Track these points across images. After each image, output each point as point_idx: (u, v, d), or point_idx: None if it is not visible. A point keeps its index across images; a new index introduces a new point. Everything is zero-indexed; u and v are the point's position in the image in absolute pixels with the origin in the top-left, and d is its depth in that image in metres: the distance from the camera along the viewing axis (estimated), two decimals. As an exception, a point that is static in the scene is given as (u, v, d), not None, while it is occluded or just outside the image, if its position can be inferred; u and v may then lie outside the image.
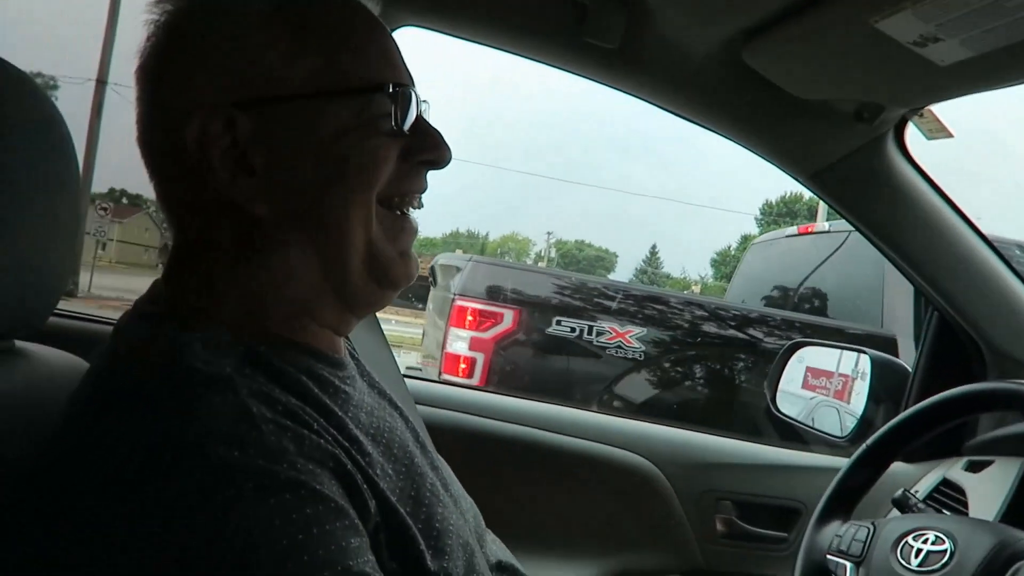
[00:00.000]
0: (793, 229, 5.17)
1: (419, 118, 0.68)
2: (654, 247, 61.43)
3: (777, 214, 53.07)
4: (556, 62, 1.26)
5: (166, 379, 0.56)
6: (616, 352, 3.93)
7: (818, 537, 1.03)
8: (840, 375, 1.79)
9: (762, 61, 1.13)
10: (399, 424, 0.74)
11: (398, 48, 0.70)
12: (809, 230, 4.96)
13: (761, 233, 54.98)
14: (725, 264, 54.68)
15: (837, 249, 4.49)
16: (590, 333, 3.90)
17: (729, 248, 56.43)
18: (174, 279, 0.67)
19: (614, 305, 3.98)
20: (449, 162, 0.70)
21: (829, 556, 0.99)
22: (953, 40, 0.91)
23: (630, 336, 3.96)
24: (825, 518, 1.05)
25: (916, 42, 0.94)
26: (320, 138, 0.63)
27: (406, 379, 1.42)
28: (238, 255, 0.64)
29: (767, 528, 1.56)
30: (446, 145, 0.69)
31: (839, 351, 1.91)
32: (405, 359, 6.27)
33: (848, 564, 0.96)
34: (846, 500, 1.06)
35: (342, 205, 0.64)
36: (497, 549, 0.88)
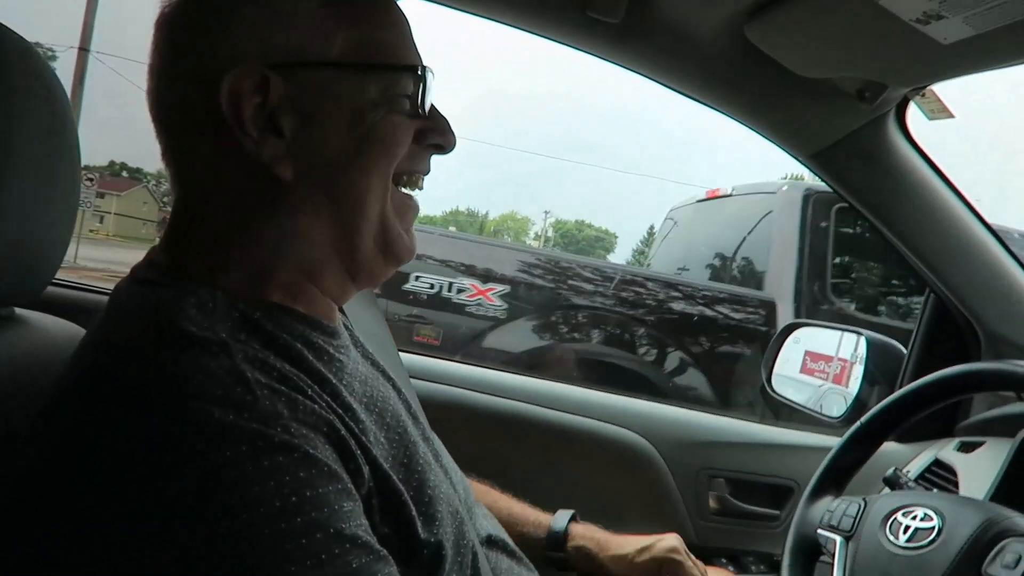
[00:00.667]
0: (702, 194, 5.25)
1: (432, 103, 0.70)
2: (651, 227, 61.68)
3: None
4: (559, 37, 1.25)
5: (161, 343, 0.56)
6: (477, 309, 4.00)
7: (810, 512, 1.04)
8: (839, 359, 1.80)
9: (765, 38, 1.12)
10: (392, 395, 0.75)
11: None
12: (715, 194, 5.05)
13: None
14: None
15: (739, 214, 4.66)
16: (449, 290, 3.96)
17: None
18: (175, 242, 0.67)
19: (476, 264, 4.03)
20: (454, 148, 0.73)
21: (820, 531, 1.00)
22: (956, 18, 0.91)
23: (491, 294, 4.02)
24: (817, 494, 1.06)
25: (919, 19, 0.93)
26: (349, 109, 0.65)
27: (402, 353, 1.43)
28: (253, 214, 0.65)
29: (759, 505, 1.58)
30: (453, 132, 0.72)
31: (837, 332, 1.92)
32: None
33: (838, 539, 0.97)
34: (838, 477, 1.07)
35: (364, 176, 0.66)
36: (488, 524, 0.89)
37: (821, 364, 1.85)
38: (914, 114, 1.30)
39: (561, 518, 1.09)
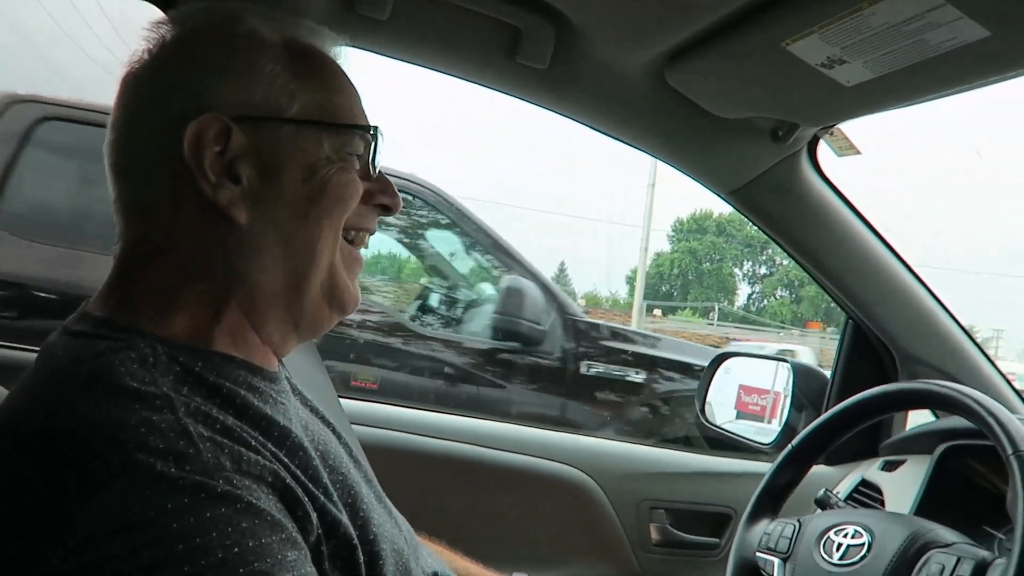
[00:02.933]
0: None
1: (380, 169, 0.75)
2: (562, 264, 62.19)
3: (688, 231, 54.44)
4: (488, 83, 1.29)
5: (102, 397, 0.55)
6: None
7: (748, 535, 1.07)
8: (773, 391, 1.86)
9: (684, 81, 1.19)
10: (332, 439, 0.76)
11: None
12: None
13: (676, 249, 55.23)
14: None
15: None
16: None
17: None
18: (115, 293, 0.67)
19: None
20: (399, 210, 0.77)
21: (759, 553, 1.03)
22: (857, 62, 0.98)
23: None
24: (755, 517, 1.09)
25: (824, 64, 1.00)
26: (305, 162, 0.68)
27: (343, 400, 1.42)
28: (206, 257, 0.66)
29: (699, 534, 1.61)
30: (398, 195, 0.76)
31: (764, 361, 1.99)
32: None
33: (776, 560, 1.00)
34: (774, 499, 1.10)
35: (316, 225, 0.68)
36: (434, 562, 0.89)
37: (755, 397, 1.91)
38: (825, 151, 1.39)
39: None
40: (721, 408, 1.83)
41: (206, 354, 0.64)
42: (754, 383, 1.84)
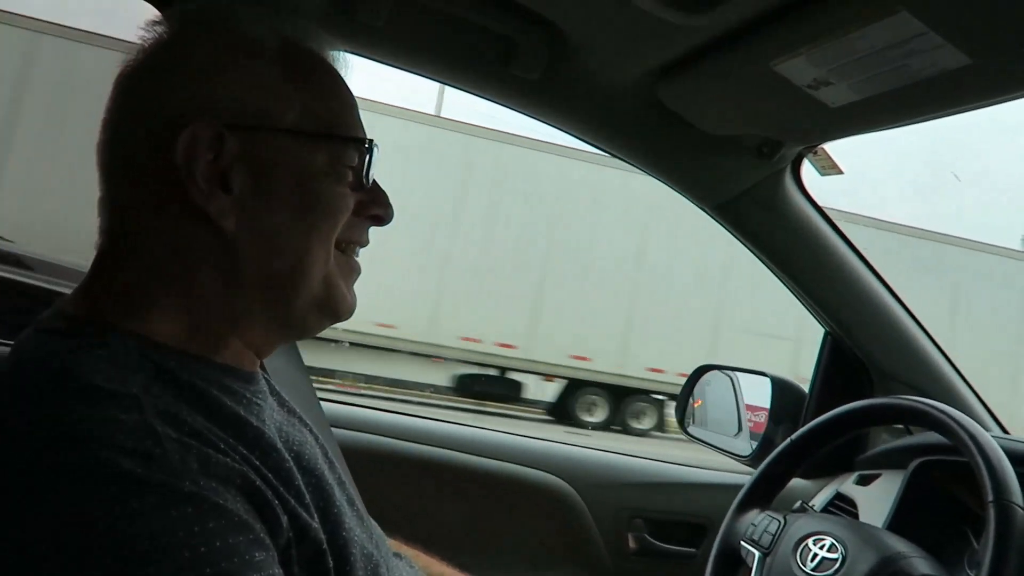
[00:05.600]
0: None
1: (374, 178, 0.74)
2: None
3: None
4: (481, 91, 1.30)
5: (71, 395, 0.55)
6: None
7: (737, 523, 1.09)
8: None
9: (673, 97, 1.21)
10: (308, 439, 0.75)
11: None
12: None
13: None
14: None
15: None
16: None
17: None
18: (91, 291, 0.67)
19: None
20: (392, 220, 0.76)
21: (743, 542, 1.05)
22: (842, 84, 1.00)
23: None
24: (746, 505, 1.11)
25: (810, 85, 1.03)
26: (298, 174, 0.67)
27: (323, 402, 1.42)
28: (191, 264, 0.66)
29: (676, 544, 1.62)
30: (391, 205, 0.76)
31: (744, 375, 2.01)
32: None
33: (757, 553, 1.02)
34: (766, 490, 1.13)
35: (305, 238, 0.68)
36: (411, 572, 0.89)
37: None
38: (808, 170, 1.42)
39: None
40: (700, 420, 1.86)
41: (181, 354, 0.64)
42: (732, 396, 1.87)
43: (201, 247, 0.65)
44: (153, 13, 1.02)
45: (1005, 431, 1.53)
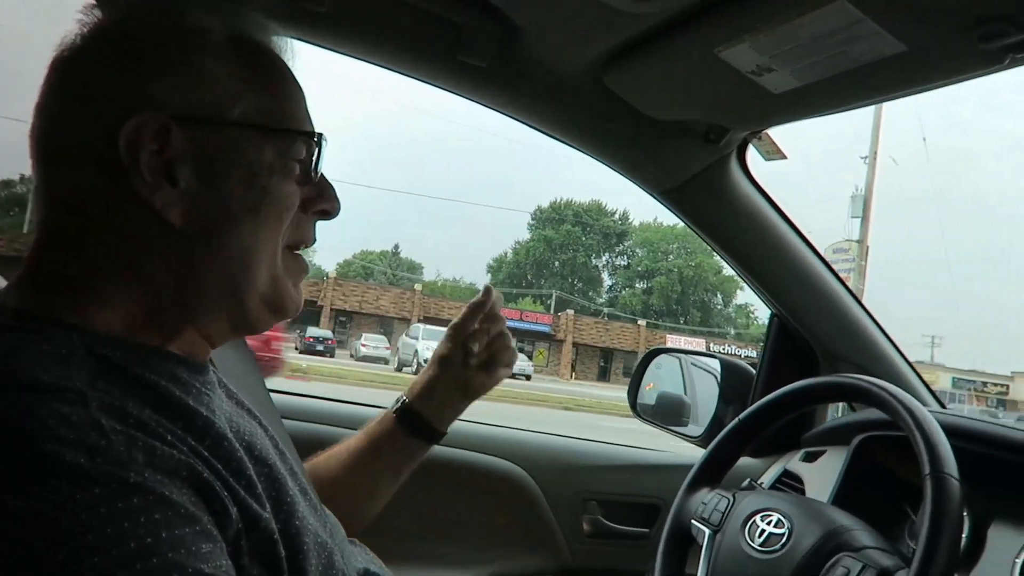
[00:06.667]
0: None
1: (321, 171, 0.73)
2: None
3: (545, 219, 54.46)
4: (429, 78, 1.29)
5: (12, 389, 0.54)
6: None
7: (687, 502, 1.12)
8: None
9: (620, 83, 1.22)
10: (258, 431, 0.75)
11: None
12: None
13: (533, 237, 54.06)
14: (500, 270, 55.28)
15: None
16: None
17: (505, 255, 56.82)
18: (32, 282, 0.65)
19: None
20: (339, 214, 0.76)
21: (693, 521, 1.08)
22: (784, 70, 1.03)
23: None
24: (696, 484, 1.13)
25: (754, 71, 1.05)
26: (246, 168, 0.66)
27: (274, 394, 1.40)
28: (138, 256, 0.65)
29: (630, 525, 1.65)
30: (338, 199, 0.75)
31: (695, 357, 2.05)
32: None
33: (707, 531, 1.05)
34: (716, 469, 1.15)
35: (252, 236, 0.67)
36: (366, 559, 0.89)
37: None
38: (753, 155, 1.44)
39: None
40: (651, 402, 1.89)
41: (129, 345, 0.63)
42: (683, 378, 1.90)
43: (149, 239, 0.64)
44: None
45: (943, 406, 1.59)
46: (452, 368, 1.07)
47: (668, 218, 54.33)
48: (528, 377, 30.72)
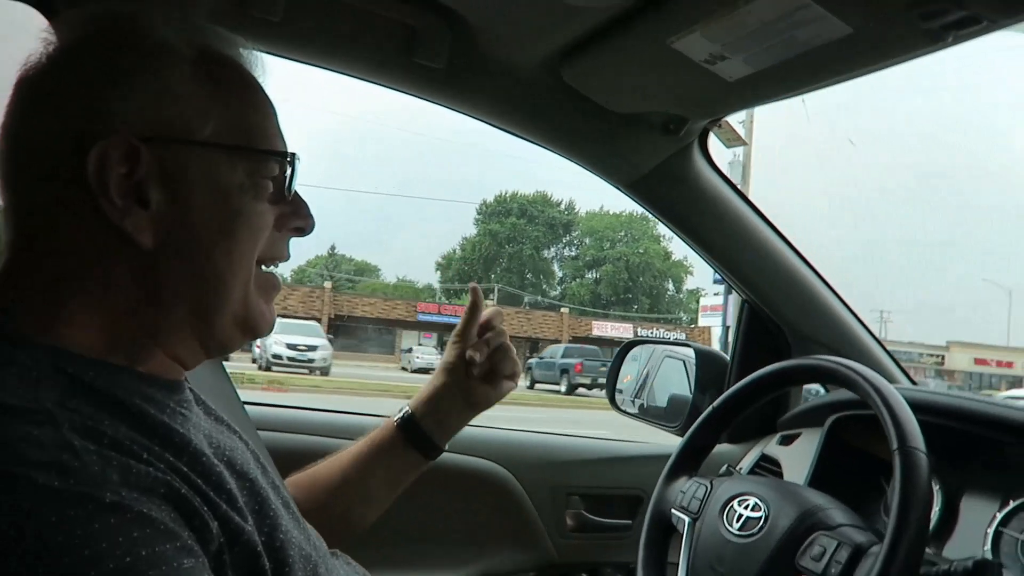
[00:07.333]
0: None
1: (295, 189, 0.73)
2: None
3: (491, 212, 53.77)
4: (386, 82, 1.29)
5: None
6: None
7: (667, 492, 1.12)
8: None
9: (578, 78, 1.22)
10: (239, 446, 0.75)
11: None
12: None
13: (479, 232, 53.19)
14: (449, 268, 54.29)
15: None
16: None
17: (454, 252, 55.63)
18: (4, 302, 0.64)
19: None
20: (313, 230, 0.75)
21: (673, 510, 1.09)
22: (737, 58, 1.03)
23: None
24: (674, 474, 1.14)
25: (707, 60, 1.05)
26: (217, 189, 0.66)
27: (248, 406, 1.39)
28: (107, 278, 0.64)
29: (612, 518, 1.65)
30: (312, 216, 0.74)
31: (670, 348, 2.06)
32: None
33: (687, 519, 1.06)
34: (693, 458, 1.16)
35: (226, 257, 0.67)
36: (348, 570, 0.89)
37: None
38: (715, 143, 1.45)
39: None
40: (629, 394, 1.90)
41: (100, 365, 0.62)
42: (659, 369, 1.91)
43: (119, 261, 0.64)
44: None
45: (914, 383, 1.61)
46: (457, 377, 1.04)
47: (614, 206, 53.95)
48: (439, 371, 29.62)
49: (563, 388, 23.60)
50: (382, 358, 34.65)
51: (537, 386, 25.24)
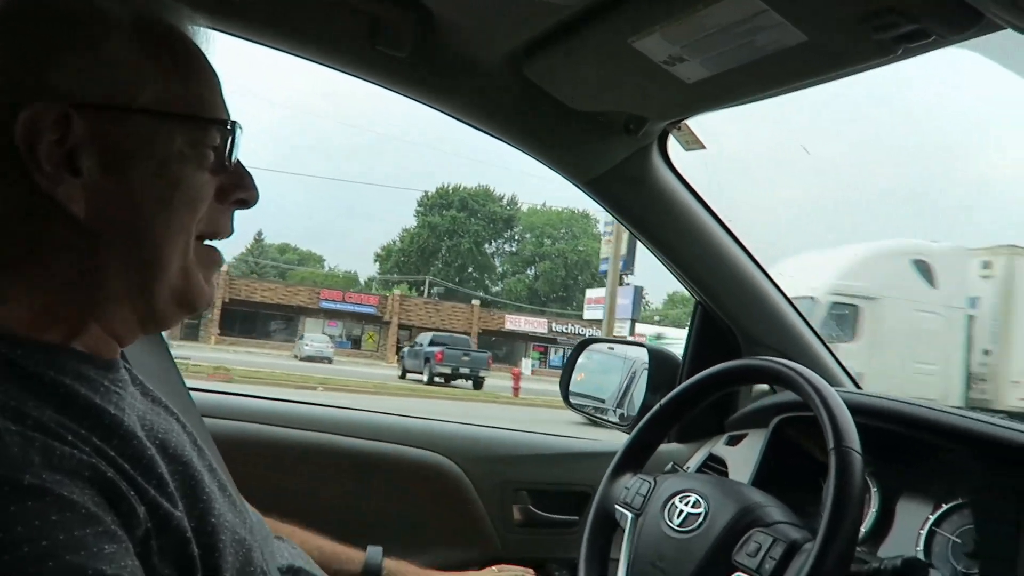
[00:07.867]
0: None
1: (237, 159, 0.71)
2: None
3: (431, 205, 53.60)
4: (347, 68, 1.28)
5: None
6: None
7: (611, 488, 1.14)
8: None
9: (540, 74, 1.22)
10: (175, 427, 0.74)
11: None
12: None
13: (419, 224, 52.91)
14: (388, 259, 54.12)
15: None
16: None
17: (394, 243, 55.51)
18: None
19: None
20: (257, 202, 0.74)
21: (617, 506, 1.10)
22: (696, 60, 1.05)
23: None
24: (619, 471, 1.15)
25: (666, 61, 1.06)
26: (154, 158, 0.64)
27: (194, 391, 1.37)
28: (40, 250, 0.62)
29: (560, 513, 1.66)
30: (256, 187, 0.73)
31: (624, 347, 2.08)
32: None
33: (629, 515, 1.07)
34: (638, 455, 1.17)
35: (164, 228, 0.65)
36: (292, 554, 0.88)
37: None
38: (674, 145, 1.47)
39: (374, 554, 1.10)
40: (581, 391, 1.91)
41: (31, 344, 0.61)
42: (611, 368, 1.93)
43: (52, 232, 0.62)
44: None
45: (859, 387, 1.65)
46: None
47: (556, 202, 54.15)
48: (329, 360, 28.95)
49: (424, 377, 22.94)
50: (287, 346, 34.07)
51: (408, 375, 24.62)
